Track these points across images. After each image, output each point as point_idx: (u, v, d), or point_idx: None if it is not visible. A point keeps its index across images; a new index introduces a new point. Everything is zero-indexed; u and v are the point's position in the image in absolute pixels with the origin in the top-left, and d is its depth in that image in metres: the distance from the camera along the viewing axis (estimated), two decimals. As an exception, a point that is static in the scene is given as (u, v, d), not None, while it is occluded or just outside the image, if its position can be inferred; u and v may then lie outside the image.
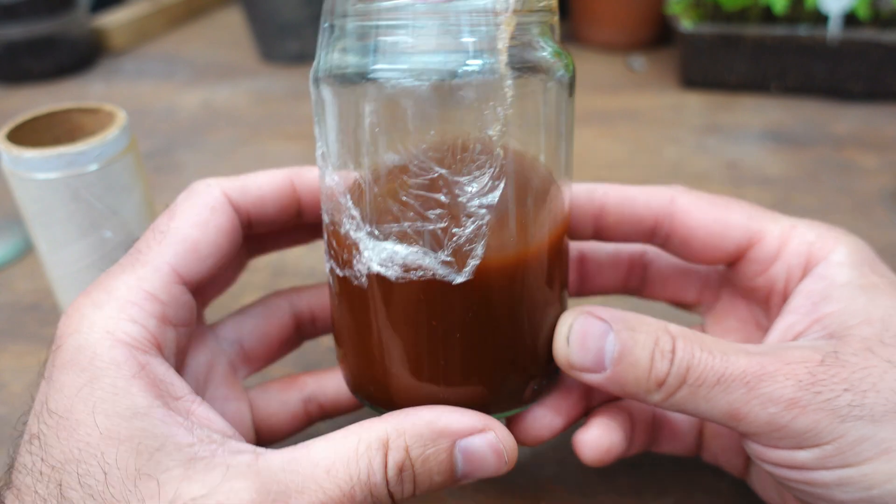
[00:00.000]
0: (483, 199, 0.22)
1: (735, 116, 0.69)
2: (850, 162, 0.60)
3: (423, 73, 0.22)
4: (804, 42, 0.67)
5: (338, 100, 0.23)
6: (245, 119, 0.73)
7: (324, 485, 0.21)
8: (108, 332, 0.23)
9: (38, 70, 0.84)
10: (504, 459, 0.24)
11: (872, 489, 0.22)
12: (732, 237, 0.28)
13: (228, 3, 1.14)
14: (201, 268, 0.26)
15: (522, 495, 0.32)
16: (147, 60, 0.92)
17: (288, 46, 0.86)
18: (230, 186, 0.27)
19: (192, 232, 0.26)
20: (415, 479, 0.23)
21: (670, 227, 0.29)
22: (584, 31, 0.88)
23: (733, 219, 0.28)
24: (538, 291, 0.26)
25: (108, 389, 0.22)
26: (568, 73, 0.25)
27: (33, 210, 0.36)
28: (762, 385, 0.23)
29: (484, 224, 0.23)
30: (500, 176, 0.22)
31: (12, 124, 0.36)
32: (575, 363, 0.25)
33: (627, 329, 0.24)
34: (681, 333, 0.25)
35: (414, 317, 0.24)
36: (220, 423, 0.23)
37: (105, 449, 0.21)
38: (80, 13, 0.87)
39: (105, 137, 0.35)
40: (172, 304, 0.25)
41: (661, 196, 0.29)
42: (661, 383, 0.24)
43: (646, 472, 0.32)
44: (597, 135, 0.66)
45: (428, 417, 0.23)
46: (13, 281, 0.49)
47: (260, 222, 0.28)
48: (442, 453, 0.23)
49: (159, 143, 0.69)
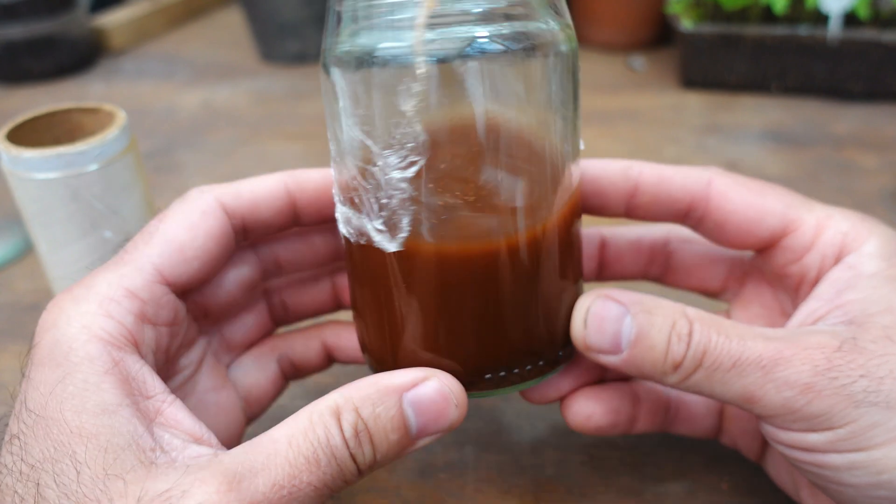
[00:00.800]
0: (403, 173, 0.23)
1: (735, 116, 0.69)
2: (850, 162, 0.60)
3: (368, 54, 0.23)
4: (804, 42, 0.67)
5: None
6: (245, 119, 0.73)
7: (287, 456, 0.21)
8: (84, 326, 0.23)
9: (38, 70, 0.84)
10: (453, 402, 0.24)
11: (882, 474, 0.23)
12: (768, 224, 0.28)
13: (228, 3, 1.14)
14: (187, 269, 0.26)
15: (522, 495, 0.32)
16: (147, 60, 0.92)
17: (288, 46, 0.86)
18: (223, 192, 0.27)
19: (179, 234, 0.26)
20: (371, 439, 0.23)
21: (705, 209, 0.29)
22: (584, 31, 0.88)
23: (770, 205, 0.28)
24: (533, 270, 0.25)
25: (79, 385, 0.22)
26: (569, 46, 0.24)
27: (33, 210, 0.35)
28: (778, 369, 0.23)
29: (407, 198, 0.23)
30: (420, 152, 0.23)
31: (12, 124, 0.36)
32: (592, 345, 0.25)
33: (645, 312, 0.25)
34: (698, 317, 0.25)
35: (374, 280, 0.26)
36: (189, 423, 0.23)
37: (76, 447, 0.21)
38: (80, 13, 0.87)
39: (105, 137, 0.35)
40: (152, 303, 0.25)
41: (699, 177, 0.29)
42: (677, 366, 0.24)
43: (646, 472, 0.32)
44: (597, 135, 0.66)
45: (371, 380, 0.23)
46: (13, 281, 0.49)
47: (255, 227, 0.28)
48: (391, 408, 0.23)
49: (159, 143, 0.69)
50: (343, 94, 0.24)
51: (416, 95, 0.23)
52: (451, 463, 0.33)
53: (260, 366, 0.31)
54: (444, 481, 0.32)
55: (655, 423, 0.30)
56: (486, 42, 0.22)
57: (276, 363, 0.31)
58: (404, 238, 0.24)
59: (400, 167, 0.23)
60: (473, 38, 0.22)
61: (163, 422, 0.23)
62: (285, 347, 0.32)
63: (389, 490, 0.32)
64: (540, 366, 0.27)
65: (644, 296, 0.25)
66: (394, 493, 0.32)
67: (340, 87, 0.24)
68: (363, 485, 0.33)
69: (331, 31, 0.25)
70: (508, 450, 0.34)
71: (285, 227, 0.29)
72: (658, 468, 0.33)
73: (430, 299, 0.25)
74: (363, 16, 0.24)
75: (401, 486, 0.32)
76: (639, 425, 0.29)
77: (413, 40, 0.22)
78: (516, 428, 0.35)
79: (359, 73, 0.23)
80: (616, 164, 0.29)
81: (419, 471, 0.33)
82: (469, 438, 0.35)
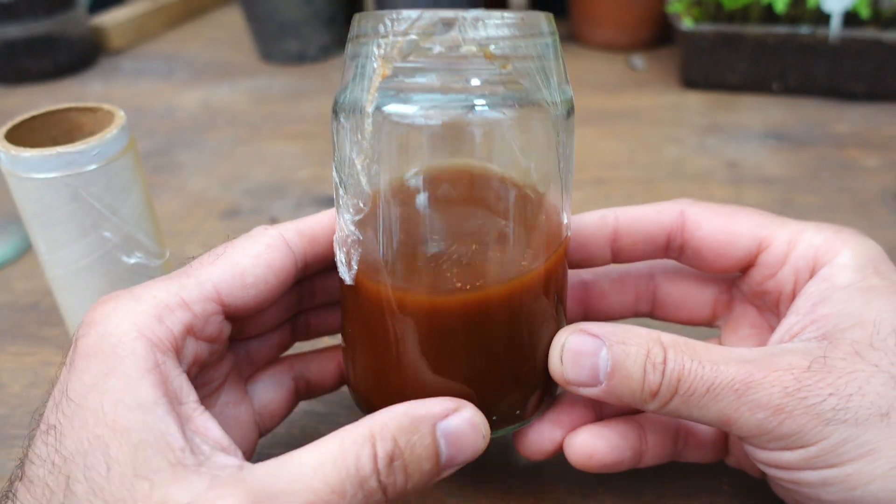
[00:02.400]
0: (355, 217, 0.25)
1: (736, 116, 0.68)
2: (851, 161, 0.60)
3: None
4: (805, 41, 0.67)
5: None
6: (244, 119, 0.73)
7: (313, 484, 0.21)
8: (134, 324, 0.23)
9: (37, 69, 0.84)
10: (482, 433, 0.25)
11: (855, 489, 0.23)
12: (741, 244, 0.29)
13: (228, 3, 1.14)
14: (244, 295, 0.26)
15: (522, 495, 0.32)
16: (146, 60, 0.92)
17: (287, 46, 0.86)
18: (286, 228, 0.28)
19: (242, 260, 0.27)
20: (406, 468, 0.23)
21: (682, 239, 0.30)
22: (584, 31, 0.88)
23: (741, 226, 0.29)
24: (513, 317, 0.26)
25: (121, 379, 0.22)
26: (560, 111, 0.25)
27: (32, 210, 0.35)
28: (750, 392, 0.24)
29: (356, 241, 0.26)
30: (367, 202, 0.25)
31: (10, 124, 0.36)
32: (570, 380, 0.26)
33: (619, 343, 0.25)
34: (672, 343, 0.25)
35: (343, 313, 0.28)
36: (218, 433, 0.23)
37: (109, 441, 0.21)
38: (79, 12, 0.87)
39: (104, 137, 0.35)
40: (203, 318, 0.25)
41: (670, 211, 0.30)
42: (654, 394, 0.25)
43: (646, 473, 0.32)
44: (597, 135, 0.66)
45: (404, 409, 0.24)
46: (11, 281, 0.49)
47: (315, 261, 0.29)
48: (427, 437, 0.23)
49: (158, 143, 0.68)
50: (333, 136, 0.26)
51: (364, 151, 0.24)
52: (452, 463, 0.33)
53: (277, 382, 0.31)
54: (445, 481, 0.32)
55: (664, 454, 0.30)
56: (482, 106, 0.23)
57: (293, 381, 0.31)
58: (355, 275, 0.26)
59: (350, 212, 0.25)
60: (472, 105, 0.23)
61: (193, 428, 0.23)
62: (302, 366, 0.32)
63: (389, 491, 0.32)
64: (524, 407, 0.28)
65: (619, 325, 0.26)
66: (394, 493, 0.32)
67: (332, 129, 0.26)
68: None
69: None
70: (508, 450, 0.34)
71: None
72: (658, 468, 0.32)
73: (384, 335, 0.26)
74: (351, 70, 0.25)
75: (401, 487, 0.32)
76: (647, 458, 0.29)
77: (365, 102, 0.24)
78: (517, 428, 0.35)
79: (333, 122, 0.26)
80: (592, 215, 0.30)
81: (419, 471, 0.33)
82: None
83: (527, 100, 0.24)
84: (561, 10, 0.95)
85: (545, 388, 0.28)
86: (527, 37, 0.24)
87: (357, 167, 0.25)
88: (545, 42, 0.24)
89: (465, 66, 0.23)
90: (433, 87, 0.23)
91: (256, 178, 0.61)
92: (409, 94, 0.23)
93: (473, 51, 0.23)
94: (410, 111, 0.23)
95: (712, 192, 0.56)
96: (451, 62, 0.23)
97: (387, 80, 0.23)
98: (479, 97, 0.23)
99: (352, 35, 0.25)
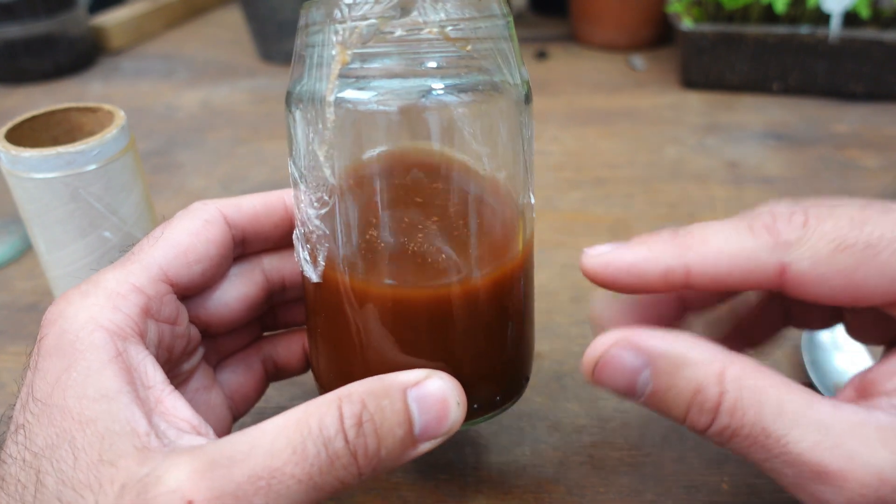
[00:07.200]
0: (320, 211, 0.25)
1: (736, 116, 0.69)
2: (851, 161, 0.60)
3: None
4: (805, 41, 0.67)
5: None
6: (244, 118, 0.73)
7: (273, 445, 0.21)
8: (91, 317, 0.24)
9: (37, 69, 0.84)
10: (455, 400, 0.24)
11: None
12: (874, 300, 0.23)
13: (227, 3, 1.14)
14: (189, 272, 0.27)
15: (522, 496, 0.32)
16: (146, 60, 0.92)
17: (287, 46, 0.86)
18: (225, 204, 0.29)
19: (183, 238, 0.27)
20: (377, 431, 0.22)
21: (786, 305, 0.27)
22: (584, 31, 0.88)
23: (868, 285, 0.22)
24: (480, 307, 0.26)
25: (82, 372, 0.22)
26: (521, 92, 0.25)
27: (32, 210, 0.35)
28: (815, 482, 0.21)
29: (322, 236, 0.25)
30: (332, 194, 0.24)
31: (11, 124, 0.36)
32: (600, 384, 0.24)
33: (667, 372, 0.22)
34: (736, 386, 0.21)
35: (307, 307, 0.28)
36: (188, 413, 0.24)
37: (75, 433, 0.21)
38: (79, 12, 0.87)
39: (104, 137, 0.35)
40: (156, 299, 0.26)
41: (764, 267, 0.23)
42: (702, 432, 0.22)
43: (646, 472, 0.32)
44: (597, 134, 0.66)
45: (373, 377, 0.23)
46: (12, 281, 0.49)
47: (254, 238, 0.30)
48: (398, 402, 0.22)
49: (158, 143, 0.68)
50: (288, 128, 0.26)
51: (326, 141, 0.24)
52: (451, 463, 0.33)
53: (246, 366, 0.32)
54: (444, 481, 0.32)
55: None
56: (441, 91, 0.23)
57: (261, 363, 0.32)
58: (322, 271, 0.26)
59: (314, 206, 0.25)
60: (430, 89, 0.23)
61: (162, 410, 0.23)
62: (269, 349, 0.32)
63: (389, 490, 0.32)
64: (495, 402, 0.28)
65: (678, 342, 0.22)
66: (394, 493, 0.32)
67: (287, 122, 0.26)
68: (362, 485, 0.32)
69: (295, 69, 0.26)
70: (508, 450, 0.34)
71: (284, 241, 0.30)
72: (658, 468, 0.32)
73: (349, 328, 0.26)
74: (305, 60, 0.25)
75: (401, 487, 0.32)
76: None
77: (325, 90, 0.23)
78: (516, 429, 0.35)
79: (288, 116, 0.25)
80: (653, 267, 0.24)
81: (419, 471, 0.33)
82: (468, 439, 0.35)
83: (489, 82, 0.24)
84: (561, 10, 0.95)
85: (512, 380, 0.28)
86: (485, 17, 0.24)
87: (319, 159, 0.24)
88: (501, 23, 0.24)
89: (424, 49, 0.23)
90: (393, 73, 0.23)
91: (256, 178, 0.61)
92: (369, 80, 0.23)
93: (434, 32, 0.23)
94: (367, 97, 0.23)
95: (712, 192, 0.56)
96: (411, 45, 0.23)
97: (345, 66, 0.23)
98: (439, 80, 0.23)
99: (301, 24, 0.24)
